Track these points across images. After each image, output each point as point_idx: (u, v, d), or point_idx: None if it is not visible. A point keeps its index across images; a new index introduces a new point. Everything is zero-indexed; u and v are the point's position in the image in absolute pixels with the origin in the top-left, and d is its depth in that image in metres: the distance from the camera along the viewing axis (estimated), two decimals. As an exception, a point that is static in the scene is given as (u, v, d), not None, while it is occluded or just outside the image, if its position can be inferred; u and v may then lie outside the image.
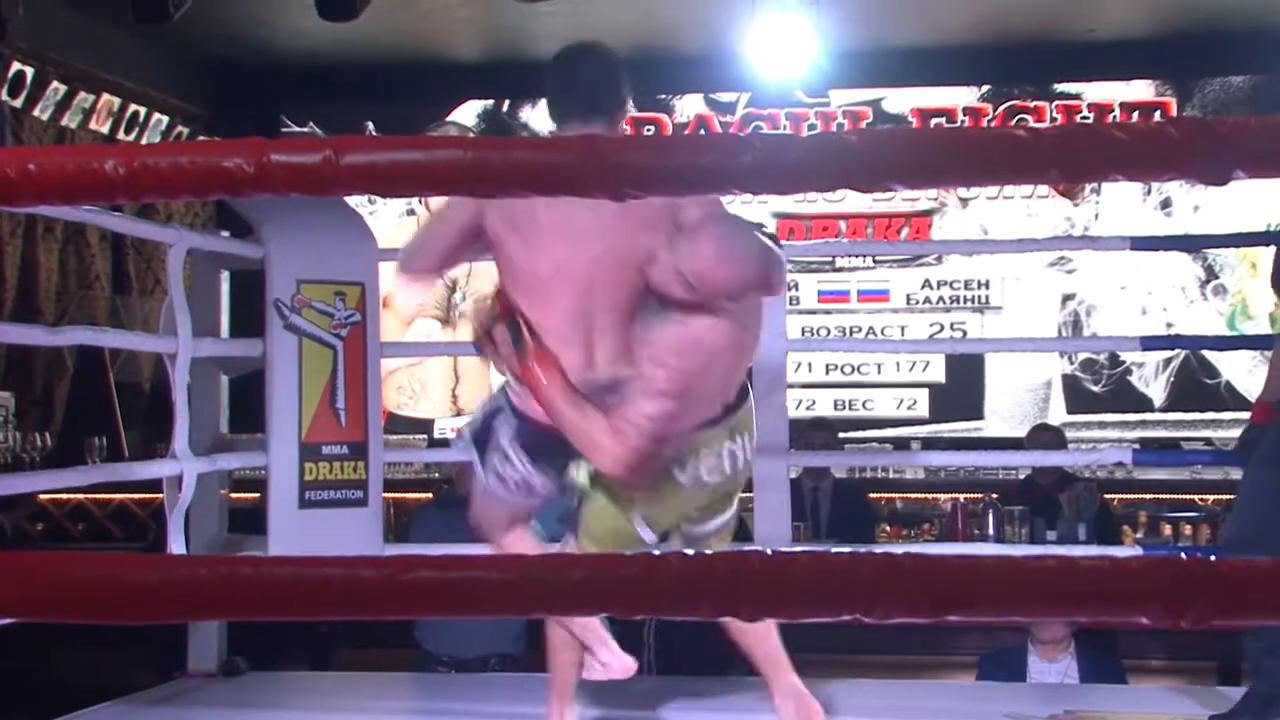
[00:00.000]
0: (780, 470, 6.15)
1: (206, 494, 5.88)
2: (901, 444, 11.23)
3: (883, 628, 3.54)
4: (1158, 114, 11.05)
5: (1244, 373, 11.11)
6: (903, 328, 11.42)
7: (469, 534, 5.79)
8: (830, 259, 11.45)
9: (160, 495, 5.51)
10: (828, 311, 11.50)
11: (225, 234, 6.38)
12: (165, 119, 11.26)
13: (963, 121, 11.32)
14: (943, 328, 11.43)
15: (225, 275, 6.17)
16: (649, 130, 11.04)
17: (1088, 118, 11.19)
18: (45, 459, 9.87)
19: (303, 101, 11.99)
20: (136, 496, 9.04)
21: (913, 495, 10.41)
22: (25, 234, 10.51)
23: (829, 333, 11.43)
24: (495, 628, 6.48)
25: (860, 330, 11.46)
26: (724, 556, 1.65)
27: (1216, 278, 11.23)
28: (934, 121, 11.27)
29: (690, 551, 1.67)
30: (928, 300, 11.50)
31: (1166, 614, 1.64)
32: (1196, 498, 10.02)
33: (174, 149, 1.74)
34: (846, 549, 1.88)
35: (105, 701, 5.63)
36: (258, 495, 5.97)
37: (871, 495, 9.65)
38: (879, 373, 11.48)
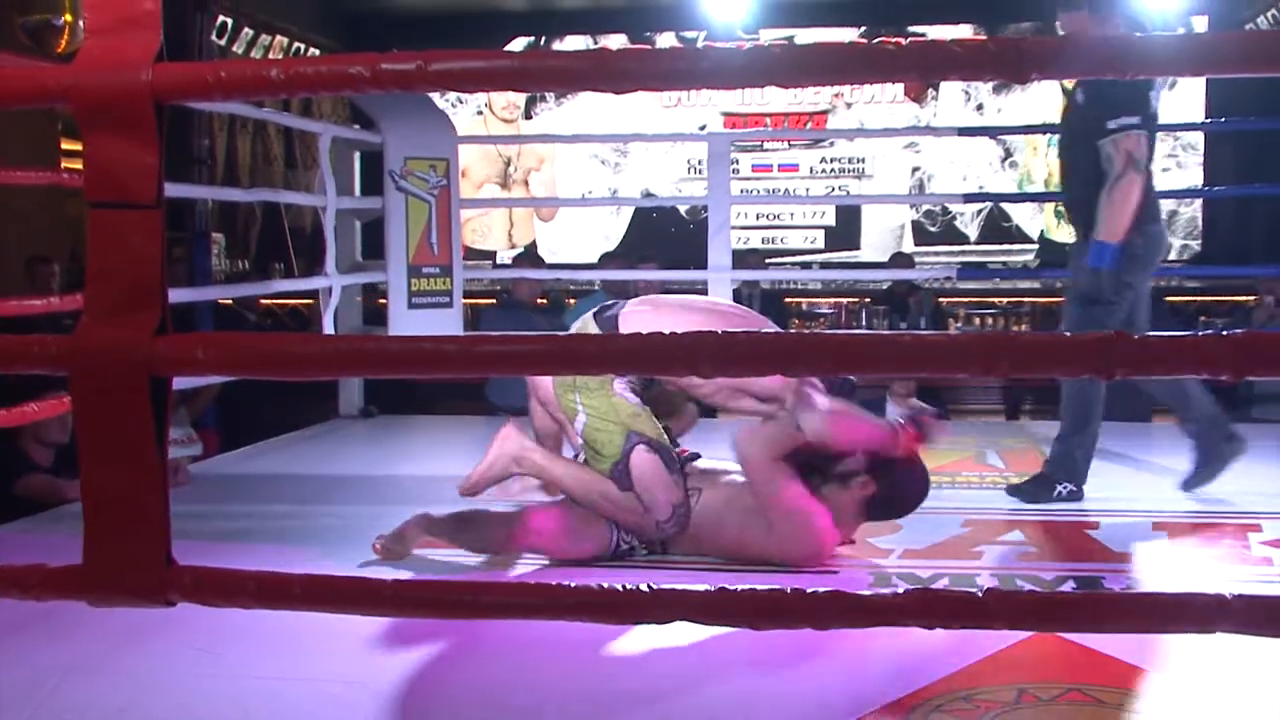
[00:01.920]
0: (726, 282, 6.13)
1: (348, 300, 5.90)
2: (806, 266, 11.21)
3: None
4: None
5: (1028, 218, 11.12)
6: (807, 189, 11.36)
7: (518, 325, 5.72)
8: (760, 142, 11.38)
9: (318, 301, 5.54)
10: (758, 178, 11.43)
11: (357, 127, 6.32)
12: (317, 52, 11.08)
13: (847, 51, 11.17)
14: (833, 189, 11.37)
15: (357, 154, 6.14)
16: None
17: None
18: (244, 277, 9.88)
19: (406, 41, 11.76)
20: (304, 301, 9.01)
21: (813, 299, 10.43)
22: (228, 129, 10.45)
23: (758, 192, 11.36)
24: (539, 385, 6.49)
25: (780, 190, 11.39)
26: (688, 335, 1.61)
27: (1011, 156, 11.16)
28: (828, 51, 11.13)
29: (666, 331, 1.63)
30: (824, 170, 11.43)
31: (981, 370, 1.62)
32: (995, 300, 10.06)
33: (315, 62, 1.67)
34: (773, 330, 1.87)
35: (284, 434, 5.69)
36: (382, 301, 5.96)
37: (786, 300, 9.66)
38: (791, 219, 11.44)
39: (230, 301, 7.43)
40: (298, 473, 4.83)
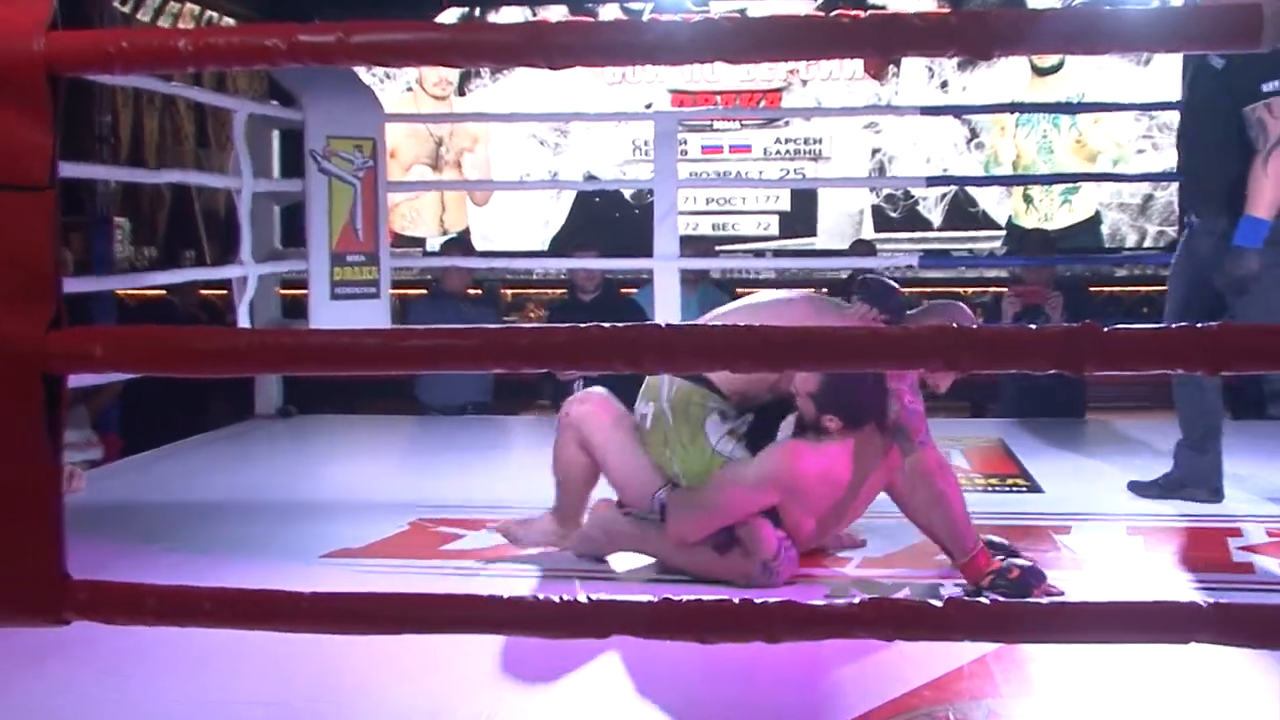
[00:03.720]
0: (673, 271, 6.14)
1: (265, 290, 5.86)
2: (759, 253, 11.24)
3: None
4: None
5: (994, 203, 11.19)
6: (760, 171, 11.37)
7: (448, 318, 5.70)
8: (710, 122, 11.38)
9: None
10: (708, 160, 11.42)
11: (275, 103, 6.28)
12: (231, 21, 10.97)
13: (803, 24, 11.19)
14: (788, 172, 11.38)
15: (275, 133, 6.11)
16: (579, 29, 10.87)
17: (892, 21, 11.10)
18: (151, 265, 9.78)
19: (330, 10, 11.65)
20: (218, 292, 8.92)
21: (767, 289, 10.42)
22: (133, 105, 10.34)
23: (708, 175, 11.38)
24: (471, 383, 6.50)
25: (731, 173, 11.41)
26: (629, 328, 1.61)
27: (977, 136, 11.21)
28: (783, 24, 11.15)
29: (607, 325, 1.63)
30: (778, 152, 11.44)
31: (943, 365, 1.63)
32: (960, 290, 10.13)
33: (228, 32, 1.66)
34: (719, 324, 1.87)
35: (194, 436, 5.65)
36: (303, 291, 5.93)
37: (738, 290, 9.66)
38: (743, 203, 11.45)
39: (164, 292, 7.37)
40: (208, 478, 4.79)
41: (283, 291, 6.42)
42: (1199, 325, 1.56)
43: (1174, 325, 1.56)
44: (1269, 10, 1.58)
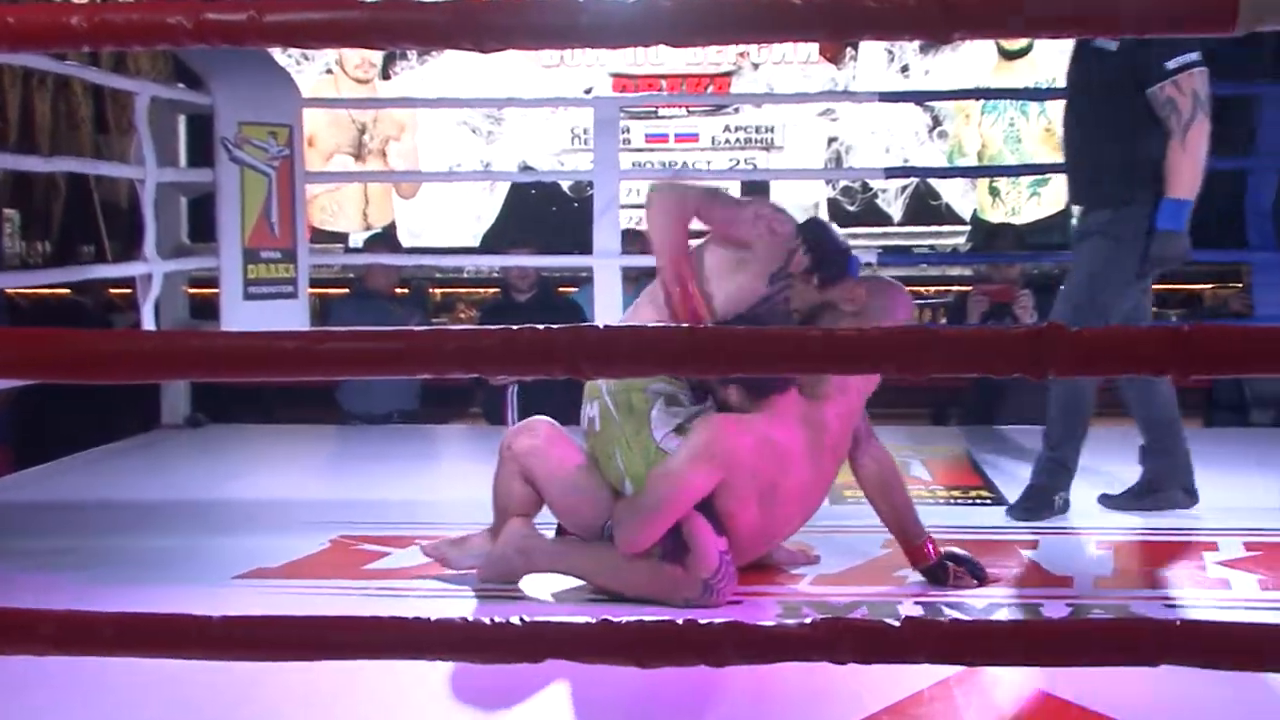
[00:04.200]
0: (614, 268, 6.16)
1: (171, 289, 5.82)
2: (707, 250, 11.27)
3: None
4: None
5: (959, 196, 11.28)
6: (709, 162, 11.41)
7: (372, 319, 5.69)
8: (654, 108, 11.40)
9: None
10: (652, 150, 11.44)
11: (181, 85, 6.24)
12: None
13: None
14: (739, 162, 11.43)
15: (182, 118, 6.06)
16: (514, 8, 10.85)
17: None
18: (46, 262, 9.67)
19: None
20: (121, 291, 8.83)
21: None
22: (23, 84, 10.23)
23: (652, 165, 11.39)
24: (397, 389, 6.48)
25: (677, 164, 11.43)
26: (566, 330, 1.62)
27: (940, 125, 11.30)
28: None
29: (541, 327, 1.63)
30: (727, 141, 11.49)
31: (900, 370, 1.65)
32: (922, 289, 10.20)
33: (127, 8, 1.64)
34: (662, 325, 1.88)
35: (94, 448, 5.59)
36: (214, 290, 5.89)
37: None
38: (690, 196, 11.47)
39: (67, 291, 7.29)
40: (110, 493, 4.74)
41: (191, 291, 6.37)
42: (1171, 327, 1.58)
43: (1143, 325, 1.59)
44: (1244, -8, 1.61)
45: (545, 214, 11.16)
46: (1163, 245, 3.94)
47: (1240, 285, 6.76)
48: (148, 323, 5.28)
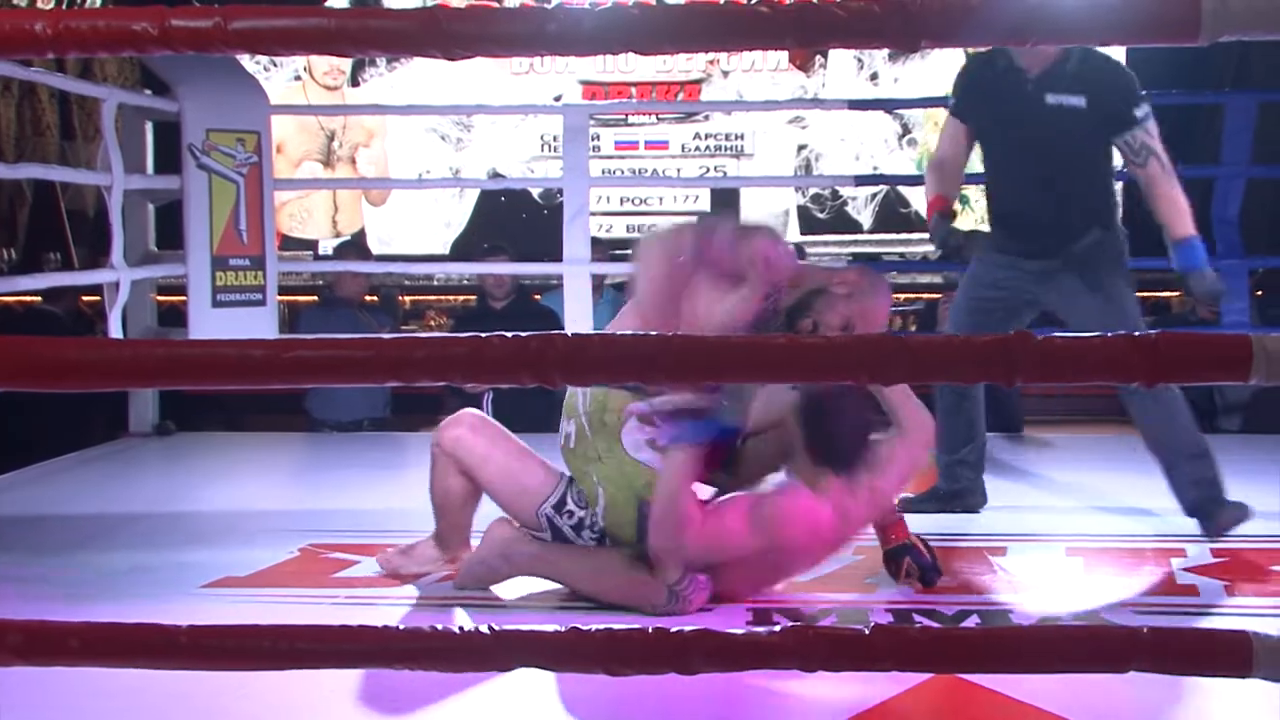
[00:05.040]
0: (584, 276, 6.15)
1: (139, 297, 5.80)
2: (677, 257, 11.28)
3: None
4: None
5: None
6: (679, 169, 11.44)
7: (342, 326, 5.68)
8: (624, 116, 11.43)
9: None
10: (622, 157, 11.47)
11: (148, 92, 6.22)
12: (99, 3, 10.83)
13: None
14: (708, 169, 11.47)
15: (149, 125, 6.04)
16: (484, 15, 10.86)
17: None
18: (11, 269, 9.62)
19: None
20: (89, 299, 8.79)
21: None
22: (-12, 91, 10.21)
23: (623, 173, 11.41)
24: (367, 397, 6.47)
25: (647, 171, 11.45)
26: (535, 338, 1.62)
27: (910, 132, 11.36)
28: (702, 10, 11.24)
29: (509, 334, 1.63)
30: (697, 148, 11.52)
31: (870, 378, 1.66)
32: (893, 296, 10.16)
33: (92, 14, 1.64)
34: (632, 333, 1.88)
35: (59, 456, 5.56)
36: (182, 298, 5.87)
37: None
38: (660, 203, 11.50)
39: (37, 299, 7.25)
40: (77, 502, 4.71)
41: (159, 298, 6.35)
42: (1137, 334, 1.59)
43: (1110, 334, 1.60)
44: (1208, 4, 1.62)
45: (515, 221, 11.16)
46: (1200, 284, 4.01)
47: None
48: (115, 330, 5.26)
